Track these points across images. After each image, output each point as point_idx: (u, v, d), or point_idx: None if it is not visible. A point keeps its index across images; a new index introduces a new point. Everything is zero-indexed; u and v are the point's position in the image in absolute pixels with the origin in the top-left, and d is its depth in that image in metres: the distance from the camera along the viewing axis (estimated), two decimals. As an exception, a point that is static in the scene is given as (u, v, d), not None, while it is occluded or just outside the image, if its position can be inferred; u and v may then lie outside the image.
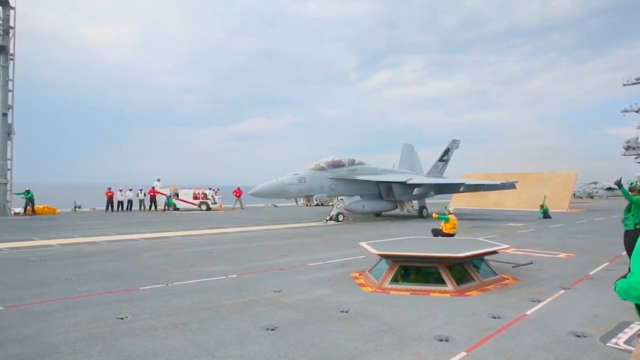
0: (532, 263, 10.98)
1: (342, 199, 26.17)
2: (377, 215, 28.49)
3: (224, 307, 6.94)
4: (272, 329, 5.81)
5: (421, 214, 28.34)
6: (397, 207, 28.71)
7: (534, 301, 7.34)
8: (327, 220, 24.22)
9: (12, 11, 27.89)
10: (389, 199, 27.61)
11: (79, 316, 6.40)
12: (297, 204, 34.78)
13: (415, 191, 26.82)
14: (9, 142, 27.65)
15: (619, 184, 9.06)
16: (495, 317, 6.40)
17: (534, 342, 5.40)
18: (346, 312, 6.68)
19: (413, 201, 29.44)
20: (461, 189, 30.94)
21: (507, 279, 9.11)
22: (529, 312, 6.70)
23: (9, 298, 7.45)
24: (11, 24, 27.81)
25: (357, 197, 27.35)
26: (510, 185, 29.38)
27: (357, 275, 9.43)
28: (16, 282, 8.76)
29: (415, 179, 28.03)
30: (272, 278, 9.23)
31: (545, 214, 27.84)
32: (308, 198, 25.18)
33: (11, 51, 27.76)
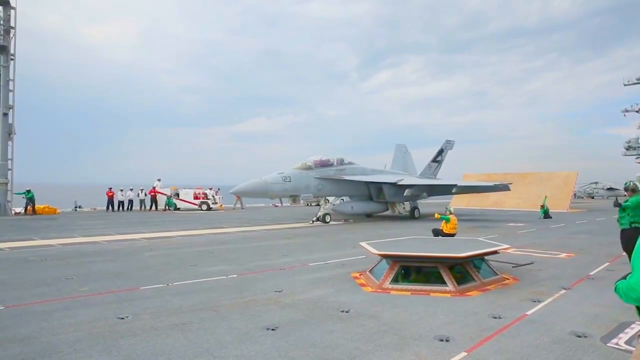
0: (532, 263, 10.98)
1: (327, 199, 25.38)
2: (368, 216, 27.87)
3: (224, 307, 6.94)
4: (273, 329, 5.81)
5: (413, 215, 27.75)
6: (388, 209, 28.16)
7: (534, 301, 7.34)
8: (313, 221, 23.51)
9: (12, 11, 27.92)
10: (380, 200, 27.07)
11: (80, 316, 6.40)
12: (282, 204, 33.85)
13: (407, 192, 26.17)
14: (9, 142, 27.72)
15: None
16: (495, 317, 6.40)
17: (534, 342, 5.39)
18: (347, 312, 6.68)
19: (405, 202, 28.80)
20: (453, 191, 29.94)
21: (508, 279, 9.11)
22: (529, 312, 6.69)
23: (10, 298, 7.45)
24: (12, 24, 27.85)
25: (346, 198, 26.74)
26: (505, 187, 28.72)
27: (357, 275, 9.43)
28: (16, 282, 8.77)
29: (407, 180, 27.45)
30: (272, 278, 9.23)
31: (546, 214, 27.83)
32: (294, 198, 24.48)
33: (12, 51, 27.80)
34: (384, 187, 26.63)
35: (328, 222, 23.47)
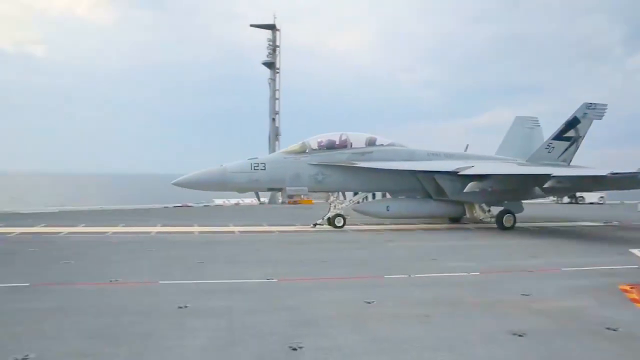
0: None
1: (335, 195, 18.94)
2: (453, 220, 19.81)
3: (465, 304, 6.78)
4: (520, 335, 5.36)
5: (501, 224, 17.67)
6: (464, 211, 19.18)
7: None
8: (315, 225, 17.41)
9: (277, 33, 33.72)
10: (443, 199, 18.12)
11: (333, 295, 7.23)
12: (259, 200, 26.59)
13: (469, 187, 16.94)
14: (276, 142, 33.62)
15: None
16: None
17: None
18: (614, 330, 5.65)
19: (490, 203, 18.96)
20: (546, 185, 17.89)
21: None
22: None
23: (283, 273, 8.89)
24: (277, 43, 33.64)
25: (386, 194, 19.75)
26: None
27: (628, 288, 7.90)
28: (289, 259, 10.66)
29: (479, 168, 17.76)
30: (518, 280, 8.57)
31: None
32: (284, 193, 18.71)
33: (277, 66, 33.55)
34: (438, 178, 17.83)
35: (341, 227, 17.25)
